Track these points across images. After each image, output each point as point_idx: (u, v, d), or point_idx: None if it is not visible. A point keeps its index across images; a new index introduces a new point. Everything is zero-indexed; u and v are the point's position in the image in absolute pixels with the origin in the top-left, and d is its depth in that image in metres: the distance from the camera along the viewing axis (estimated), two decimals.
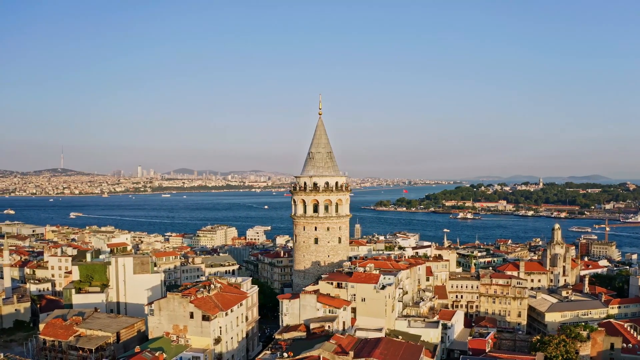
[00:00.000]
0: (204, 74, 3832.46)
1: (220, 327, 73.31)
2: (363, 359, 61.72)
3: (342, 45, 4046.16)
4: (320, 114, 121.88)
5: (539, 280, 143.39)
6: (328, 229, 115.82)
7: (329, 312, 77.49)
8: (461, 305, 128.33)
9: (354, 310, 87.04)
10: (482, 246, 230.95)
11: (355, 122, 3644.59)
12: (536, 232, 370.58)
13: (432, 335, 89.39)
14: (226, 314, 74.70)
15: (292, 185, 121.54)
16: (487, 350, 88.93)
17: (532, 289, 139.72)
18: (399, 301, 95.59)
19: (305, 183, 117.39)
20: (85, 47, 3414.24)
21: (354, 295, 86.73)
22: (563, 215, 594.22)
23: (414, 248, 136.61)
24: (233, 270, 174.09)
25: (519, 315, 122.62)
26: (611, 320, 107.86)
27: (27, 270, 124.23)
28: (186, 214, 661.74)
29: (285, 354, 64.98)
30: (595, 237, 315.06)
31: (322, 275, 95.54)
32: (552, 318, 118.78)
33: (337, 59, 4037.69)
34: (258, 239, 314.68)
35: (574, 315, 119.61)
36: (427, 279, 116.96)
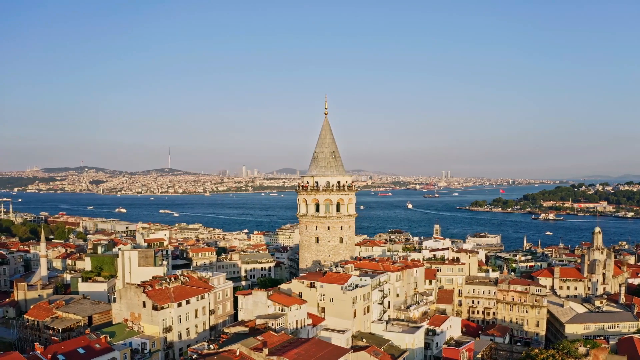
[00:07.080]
0: (309, 70, 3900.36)
1: (172, 317, 77.69)
2: (275, 357, 62.43)
3: (429, 50, 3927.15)
4: (326, 114, 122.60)
5: (575, 288, 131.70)
6: (328, 228, 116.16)
7: (279, 310, 78.67)
8: (477, 312, 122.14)
9: (323, 310, 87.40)
10: (532, 249, 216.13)
11: (458, 119, 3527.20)
12: (631, 235, 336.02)
13: (407, 341, 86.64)
14: (179, 305, 78.89)
15: (297, 184, 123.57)
16: None
17: (567, 297, 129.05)
18: (378, 304, 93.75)
19: (308, 182, 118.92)
20: (192, 51, 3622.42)
21: (324, 295, 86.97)
22: None
23: (431, 250, 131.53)
24: (269, 267, 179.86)
25: (537, 325, 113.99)
26: (634, 335, 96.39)
27: (69, 262, 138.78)
28: (281, 212, 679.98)
29: (211, 346, 67.77)
30: None
31: (300, 274, 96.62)
32: (573, 330, 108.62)
33: (419, 61, 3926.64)
34: None
35: (598, 327, 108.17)
36: (430, 283, 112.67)
